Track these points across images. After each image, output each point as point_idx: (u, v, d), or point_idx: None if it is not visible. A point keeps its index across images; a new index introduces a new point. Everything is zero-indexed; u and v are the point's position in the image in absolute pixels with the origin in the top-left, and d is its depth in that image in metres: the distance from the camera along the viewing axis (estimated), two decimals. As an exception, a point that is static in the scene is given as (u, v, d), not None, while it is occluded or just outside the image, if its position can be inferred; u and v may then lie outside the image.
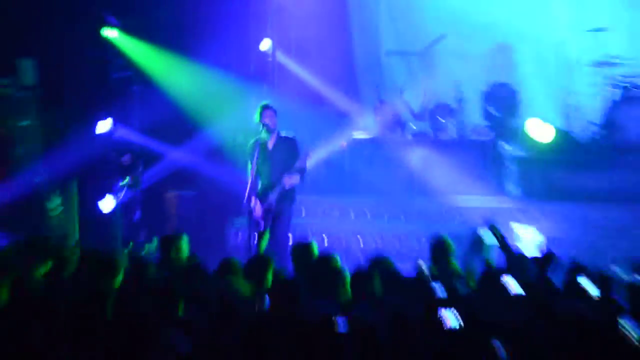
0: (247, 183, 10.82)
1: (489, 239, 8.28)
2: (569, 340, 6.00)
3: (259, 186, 10.87)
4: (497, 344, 5.72)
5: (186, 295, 7.24)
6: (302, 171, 10.95)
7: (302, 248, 8.78)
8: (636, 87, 13.61)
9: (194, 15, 13.77)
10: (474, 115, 14.79)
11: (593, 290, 7.20)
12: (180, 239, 9.03)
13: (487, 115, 14.59)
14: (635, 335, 6.13)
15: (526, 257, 8.31)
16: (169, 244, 9.04)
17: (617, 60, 13.91)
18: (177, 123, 13.72)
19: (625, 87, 13.64)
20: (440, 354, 5.94)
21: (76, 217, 13.08)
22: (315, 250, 8.73)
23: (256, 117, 10.95)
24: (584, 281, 7.21)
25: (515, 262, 8.17)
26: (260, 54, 14.64)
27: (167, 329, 6.45)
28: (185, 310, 7.03)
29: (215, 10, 13.74)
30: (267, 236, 10.36)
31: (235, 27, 14.05)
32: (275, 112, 10.97)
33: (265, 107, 11.01)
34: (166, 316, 6.84)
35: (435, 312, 6.46)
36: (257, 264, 8.33)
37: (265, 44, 14.60)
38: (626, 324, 6.31)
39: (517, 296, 7.08)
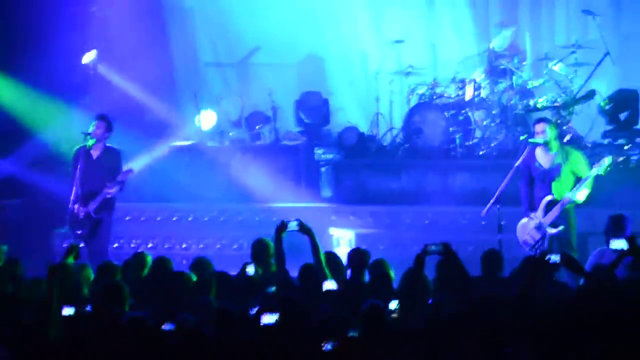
0: (71, 190, 10.86)
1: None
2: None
3: (81, 192, 10.83)
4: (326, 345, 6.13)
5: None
6: (121, 184, 10.92)
7: (137, 258, 8.87)
8: (430, 94, 13.77)
9: (18, 31, 13.62)
10: (288, 122, 14.97)
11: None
12: None
13: (300, 122, 14.80)
14: None
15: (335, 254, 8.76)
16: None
17: (411, 70, 14.12)
18: (1, 133, 13.60)
19: (420, 95, 13.88)
20: (260, 346, 6.33)
21: None
22: (149, 258, 8.78)
23: (90, 127, 10.77)
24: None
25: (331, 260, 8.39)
26: (83, 66, 14.43)
27: None
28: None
29: (39, 24, 13.63)
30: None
31: (59, 41, 13.84)
32: (106, 123, 10.89)
33: (97, 118, 10.94)
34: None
35: (261, 312, 6.79)
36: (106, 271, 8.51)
37: (88, 57, 14.39)
38: None
39: (329, 291, 7.75)
